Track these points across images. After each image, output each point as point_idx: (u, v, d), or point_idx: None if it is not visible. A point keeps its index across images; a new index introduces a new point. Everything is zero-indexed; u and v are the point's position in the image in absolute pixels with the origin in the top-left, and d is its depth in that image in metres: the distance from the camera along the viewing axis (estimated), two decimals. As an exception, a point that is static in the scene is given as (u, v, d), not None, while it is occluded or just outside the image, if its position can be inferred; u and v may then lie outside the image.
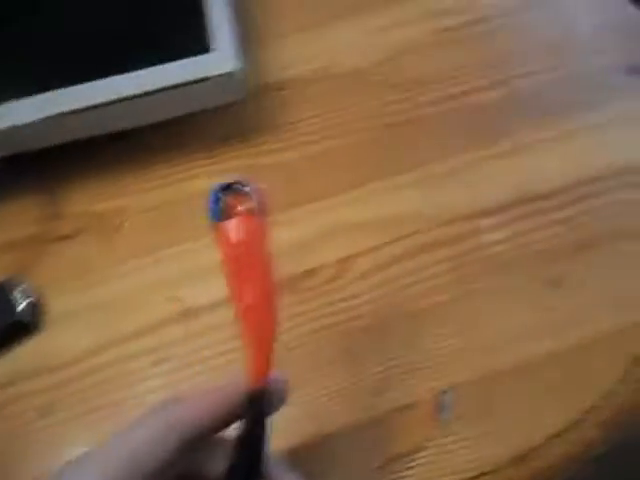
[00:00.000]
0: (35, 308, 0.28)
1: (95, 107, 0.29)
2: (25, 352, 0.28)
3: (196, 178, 0.32)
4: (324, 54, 0.37)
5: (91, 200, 0.32)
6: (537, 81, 0.35)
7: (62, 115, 0.29)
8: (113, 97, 0.29)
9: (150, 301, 0.28)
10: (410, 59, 0.36)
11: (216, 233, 0.18)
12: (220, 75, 0.29)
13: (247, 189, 0.18)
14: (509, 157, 0.31)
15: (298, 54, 0.37)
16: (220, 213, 0.18)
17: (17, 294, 0.28)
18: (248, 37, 0.37)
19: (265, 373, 0.18)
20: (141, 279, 0.29)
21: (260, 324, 0.18)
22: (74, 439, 0.25)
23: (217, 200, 0.18)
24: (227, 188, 0.18)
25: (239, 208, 0.18)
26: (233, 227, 0.17)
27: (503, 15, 0.38)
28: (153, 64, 0.30)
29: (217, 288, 0.27)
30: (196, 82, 0.29)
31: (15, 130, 0.29)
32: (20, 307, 0.28)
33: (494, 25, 0.38)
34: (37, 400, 0.25)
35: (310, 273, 0.28)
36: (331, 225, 0.29)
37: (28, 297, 0.28)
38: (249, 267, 0.18)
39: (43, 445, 0.24)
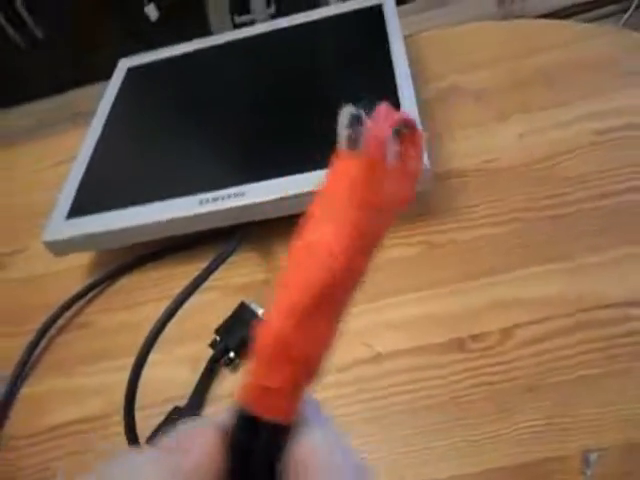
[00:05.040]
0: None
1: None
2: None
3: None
4: (491, 150, 0.44)
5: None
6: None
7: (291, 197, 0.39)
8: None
9: (351, 344, 0.36)
10: (568, 157, 0.42)
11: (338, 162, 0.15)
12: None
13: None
14: (660, 254, 0.36)
15: (468, 148, 0.45)
16: (357, 141, 0.14)
17: (254, 306, 0.38)
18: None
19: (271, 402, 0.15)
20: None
21: (313, 332, 0.15)
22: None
23: (359, 123, 0.14)
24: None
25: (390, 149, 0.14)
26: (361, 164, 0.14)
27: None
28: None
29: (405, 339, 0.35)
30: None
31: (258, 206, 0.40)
32: (260, 312, 0.38)
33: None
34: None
35: (476, 337, 0.35)
36: (496, 299, 0.36)
37: (261, 307, 0.38)
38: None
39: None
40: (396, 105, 0.42)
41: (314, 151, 0.42)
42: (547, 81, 0.48)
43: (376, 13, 0.52)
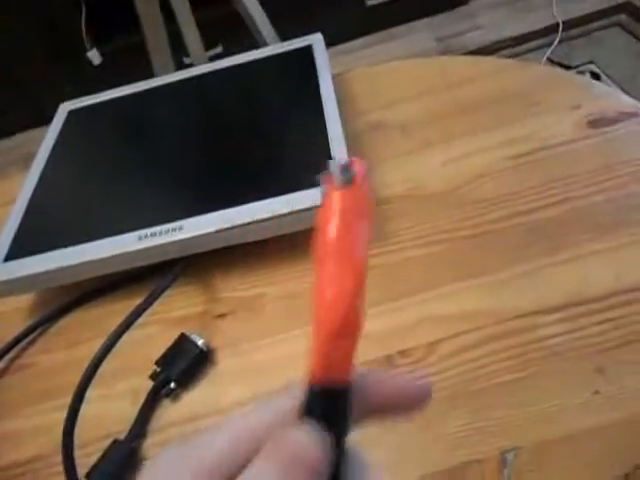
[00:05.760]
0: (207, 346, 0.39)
1: (253, 222, 0.41)
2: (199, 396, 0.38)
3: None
4: (416, 177, 0.47)
5: (240, 288, 0.43)
6: (593, 199, 0.42)
7: (227, 229, 0.41)
8: (270, 214, 0.41)
9: (286, 370, 0.38)
10: (485, 181, 0.46)
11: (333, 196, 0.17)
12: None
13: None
14: (568, 265, 0.39)
15: (395, 177, 0.48)
16: (350, 179, 0.17)
17: (194, 337, 0.39)
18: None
19: (331, 368, 0.18)
20: (277, 352, 0.39)
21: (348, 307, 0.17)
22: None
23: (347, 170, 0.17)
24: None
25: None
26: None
27: (563, 143, 0.47)
28: (290, 192, 0.41)
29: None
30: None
31: (195, 239, 0.42)
32: (200, 342, 0.39)
33: (556, 152, 0.46)
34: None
35: (404, 353, 0.37)
36: (422, 315, 0.38)
37: (201, 338, 0.39)
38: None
39: None
40: (325, 138, 0.45)
41: (248, 185, 0.44)
42: (466, 112, 0.51)
43: (307, 53, 0.56)
